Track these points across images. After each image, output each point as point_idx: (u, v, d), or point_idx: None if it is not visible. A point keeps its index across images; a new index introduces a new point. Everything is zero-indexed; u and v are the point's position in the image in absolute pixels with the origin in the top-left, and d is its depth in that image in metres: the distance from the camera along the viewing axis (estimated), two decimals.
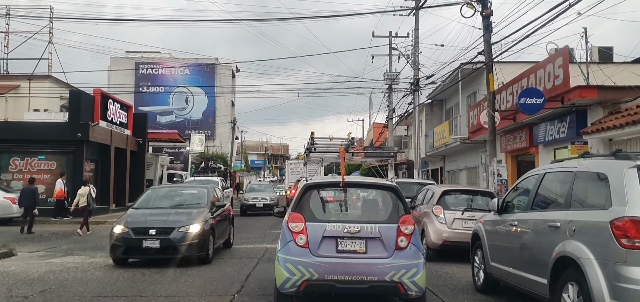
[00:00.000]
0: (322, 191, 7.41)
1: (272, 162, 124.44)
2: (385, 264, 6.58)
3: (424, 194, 13.98)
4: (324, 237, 6.69)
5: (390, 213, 7.04)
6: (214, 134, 63.43)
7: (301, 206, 7.01)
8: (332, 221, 6.87)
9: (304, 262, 6.57)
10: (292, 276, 6.57)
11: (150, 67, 64.37)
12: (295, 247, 6.68)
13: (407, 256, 6.66)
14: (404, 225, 6.78)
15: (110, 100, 28.86)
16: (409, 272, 6.56)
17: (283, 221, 7.35)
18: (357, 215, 7.35)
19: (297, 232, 6.72)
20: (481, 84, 25.20)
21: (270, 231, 19.84)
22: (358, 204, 7.68)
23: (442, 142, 27.68)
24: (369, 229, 6.69)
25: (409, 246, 6.72)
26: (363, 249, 6.67)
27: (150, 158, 35.69)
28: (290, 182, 40.09)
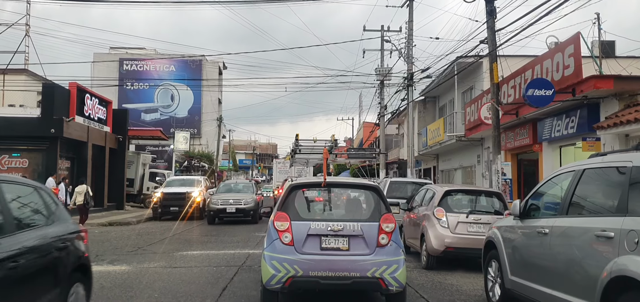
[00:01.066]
0: (306, 190, 7.59)
1: (260, 161, 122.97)
2: (367, 261, 6.81)
3: (423, 195, 12.71)
4: (309, 235, 6.89)
5: (372, 212, 7.29)
6: (200, 132, 61.86)
7: (286, 206, 7.22)
8: (316, 220, 7.05)
9: (289, 259, 6.77)
10: (277, 273, 6.76)
11: (135, 62, 62.60)
12: (281, 245, 6.86)
13: (387, 252, 6.89)
14: (385, 223, 7.02)
15: (88, 94, 27.34)
16: (389, 269, 6.80)
17: (269, 220, 7.55)
18: (340, 214, 7.58)
19: (283, 231, 6.91)
20: (478, 78, 24.01)
21: (255, 233, 18.49)
22: (341, 203, 7.87)
23: (436, 140, 26.46)
24: (352, 227, 6.93)
25: (389, 243, 6.95)
26: (346, 247, 6.88)
27: (132, 156, 34.16)
28: (278, 182, 38.83)
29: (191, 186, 26.29)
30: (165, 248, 14.42)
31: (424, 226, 11.24)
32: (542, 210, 6.45)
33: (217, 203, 22.74)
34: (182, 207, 24.91)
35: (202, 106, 62.16)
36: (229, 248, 14.36)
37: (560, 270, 5.45)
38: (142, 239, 16.75)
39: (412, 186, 16.49)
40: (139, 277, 9.83)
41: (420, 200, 12.66)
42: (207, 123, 61.02)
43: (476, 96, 22.19)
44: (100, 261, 11.96)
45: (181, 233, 18.93)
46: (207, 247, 14.57)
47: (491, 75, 14.65)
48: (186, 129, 56.69)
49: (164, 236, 17.90)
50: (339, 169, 52.62)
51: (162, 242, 16.04)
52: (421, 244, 11.45)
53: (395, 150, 43.20)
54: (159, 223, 23.59)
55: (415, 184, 16.53)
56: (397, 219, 13.18)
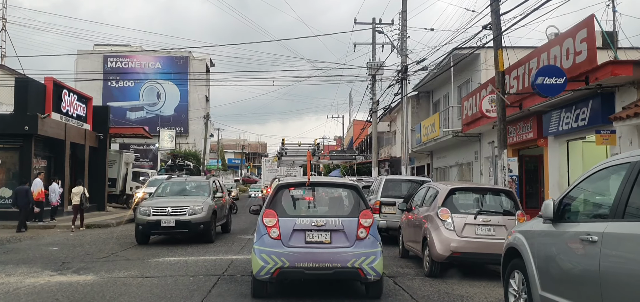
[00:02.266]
0: (292, 189, 8.22)
1: (249, 160, 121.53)
2: (347, 253, 7.44)
3: (424, 194, 11.55)
4: (294, 230, 7.51)
5: (352, 208, 7.96)
6: (187, 130, 60.49)
7: (274, 203, 7.87)
8: (301, 216, 7.72)
9: (276, 252, 7.38)
10: (266, 265, 7.36)
11: (119, 59, 61.01)
12: (269, 240, 7.50)
13: (366, 245, 7.53)
14: (363, 218, 7.68)
15: (65, 90, 25.93)
16: (367, 259, 7.43)
17: (258, 217, 8.16)
18: (323, 210, 8.14)
19: (271, 226, 7.55)
20: (475, 71, 22.94)
21: (241, 236, 17.27)
22: (324, 200, 8.39)
23: (431, 136, 25.37)
24: (333, 223, 7.57)
25: (368, 236, 7.61)
26: (328, 240, 7.50)
27: (114, 155, 32.77)
28: (267, 181, 37.64)
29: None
30: (141, 254, 13.18)
31: (427, 229, 10.08)
32: (582, 212, 5.30)
33: (149, 214, 15.02)
34: None
35: (189, 104, 60.73)
36: (211, 253, 13.14)
37: (615, 287, 4.30)
38: (118, 243, 15.48)
39: (409, 184, 15.34)
40: (103, 290, 8.58)
41: (420, 199, 11.51)
42: (194, 121, 59.62)
43: (474, 89, 21.10)
44: (65, 269, 10.70)
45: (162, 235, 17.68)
46: (187, 252, 13.33)
47: (496, 62, 13.52)
48: (173, 127, 55.24)
49: None
50: (329, 169, 51.65)
51: (140, 246, 14.78)
52: (423, 249, 10.29)
53: (387, 147, 42.12)
54: None
55: (413, 182, 15.40)
56: (393, 220, 12.79)
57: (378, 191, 15.05)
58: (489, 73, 21.28)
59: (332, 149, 73.71)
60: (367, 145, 49.78)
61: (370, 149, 48.72)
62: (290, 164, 34.94)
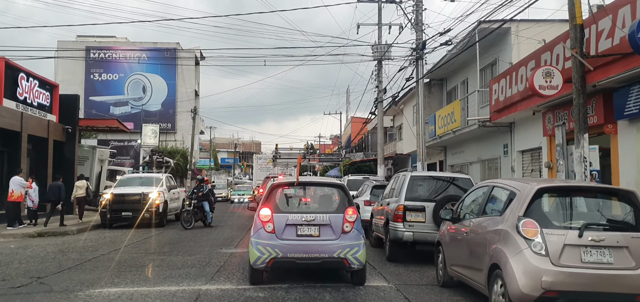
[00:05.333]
0: (285, 188, 9.33)
1: (243, 160, 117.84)
2: (333, 245, 8.45)
3: (483, 197, 7.89)
4: (287, 225, 8.54)
5: (338, 205, 8.99)
6: (175, 127, 56.56)
7: (269, 200, 8.94)
8: (293, 212, 8.78)
9: (271, 244, 8.43)
10: (262, 255, 8.42)
11: (103, 51, 57.10)
12: (265, 233, 8.53)
13: (350, 238, 8.54)
14: (348, 214, 8.65)
15: (22, 73, 22.22)
16: (351, 250, 8.45)
17: (255, 213, 9.02)
18: (313, 207, 9.16)
19: (266, 221, 8.57)
20: (503, 49, 19.38)
21: (221, 249, 13.64)
22: (314, 198, 9.42)
23: (449, 127, 21.78)
24: (321, 218, 8.59)
25: (352, 230, 8.60)
26: (317, 234, 8.53)
27: (86, 151, 29.05)
28: (259, 180, 34.10)
29: (149, 185, 21.36)
30: (77, 278, 9.52)
31: (497, 251, 6.47)
32: None
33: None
34: (136, 212, 20.02)
35: (177, 98, 56.84)
36: (173, 280, 9.47)
37: None
38: (56, 261, 11.81)
39: (442, 183, 11.72)
40: None
41: (477, 205, 7.88)
42: (183, 117, 55.70)
43: (505, 70, 17.54)
44: None
45: (124, 249, 14.02)
46: (141, 278, 9.66)
47: (572, 14, 9.86)
48: (159, 123, 51.45)
49: (94, 254, 12.97)
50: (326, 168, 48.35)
51: (82, 266, 11.13)
52: (490, 281, 6.67)
53: (391, 144, 38.52)
54: (107, 232, 18.68)
55: (446, 181, 11.77)
56: (422, 230, 11.03)
57: (400, 192, 11.46)
58: (523, 50, 17.76)
59: (328, 148, 70.74)
60: (367, 143, 46.13)
61: (370, 147, 45.37)
62: (285, 165, 36.94)
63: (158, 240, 16.23)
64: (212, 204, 20.74)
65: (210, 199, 20.56)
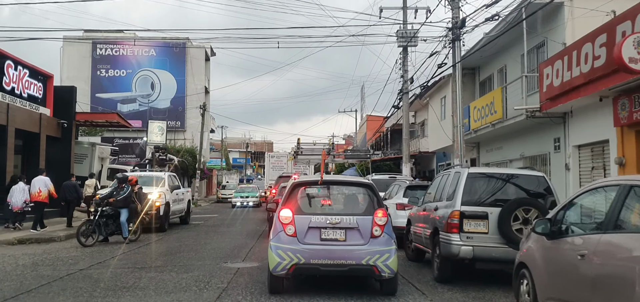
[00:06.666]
0: (307, 187, 8.53)
1: (255, 160, 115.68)
2: (362, 250, 7.64)
3: (595, 205, 5.37)
4: (310, 228, 7.76)
5: (366, 206, 8.18)
6: (184, 124, 54.32)
7: (290, 201, 8.16)
8: (316, 214, 7.96)
9: (292, 248, 7.66)
10: (282, 261, 7.65)
11: (110, 46, 55.02)
12: (285, 236, 7.77)
13: (380, 243, 7.72)
14: (378, 217, 7.83)
15: (10, 61, 19.95)
16: (382, 257, 7.62)
17: (275, 214, 8.31)
18: (338, 208, 8.37)
19: (287, 224, 7.82)
20: (555, 27, 16.75)
21: (225, 263, 11.17)
22: (339, 198, 8.66)
23: (488, 120, 19.16)
24: (348, 221, 7.79)
25: (382, 234, 7.78)
26: (343, 238, 7.73)
27: (85, 149, 26.78)
28: (271, 180, 31.79)
29: (148, 185, 19.02)
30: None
31: None
32: None
33: None
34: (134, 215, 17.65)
35: (186, 95, 54.57)
36: None
37: None
38: (20, 279, 9.44)
39: (508, 182, 9.12)
40: None
41: (603, 215, 5.31)
42: (193, 116, 53.42)
43: (561, 50, 14.94)
44: None
45: (110, 261, 11.63)
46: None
47: None
48: (167, 120, 49.25)
49: (71, 269, 10.58)
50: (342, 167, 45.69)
51: (47, 287, 8.74)
52: None
53: (414, 141, 35.89)
54: None
55: (512, 180, 9.17)
56: (485, 244, 8.69)
57: (455, 194, 8.92)
58: (580, 28, 15.14)
59: (342, 148, 67.45)
60: (386, 142, 43.53)
61: (389, 145, 42.74)
62: (306, 163, 34.52)
63: (154, 249, 13.86)
64: (134, 213, 15.35)
65: (132, 206, 15.29)
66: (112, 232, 15.02)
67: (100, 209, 14.78)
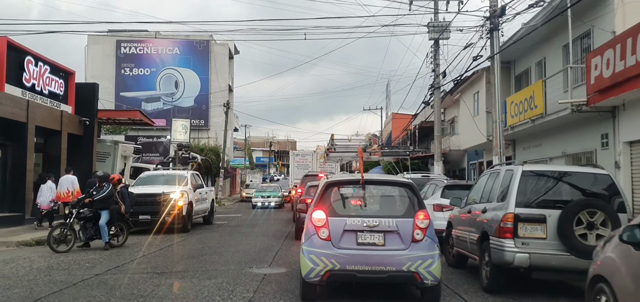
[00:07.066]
0: (342, 187, 7.87)
1: (278, 159, 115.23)
2: (402, 256, 7.05)
3: None
4: (345, 231, 7.18)
5: (406, 208, 7.51)
6: (207, 123, 53.90)
7: (323, 202, 7.54)
8: (352, 216, 7.37)
9: (326, 253, 7.09)
10: (315, 267, 7.09)
11: (134, 44, 54.85)
12: (318, 240, 7.20)
13: (422, 247, 7.10)
14: (419, 219, 7.23)
15: (30, 57, 19.47)
16: (425, 263, 7.00)
17: (307, 216, 7.93)
18: (375, 210, 7.75)
19: (320, 226, 7.24)
20: (603, 15, 15.59)
21: (250, 269, 10.35)
22: (376, 199, 7.93)
23: (527, 115, 18.03)
24: (387, 223, 7.21)
25: (424, 238, 7.16)
26: (381, 242, 7.15)
27: (107, 147, 26.28)
28: (296, 179, 30.89)
29: (171, 184, 18.37)
30: None
31: None
32: None
33: None
34: (156, 215, 17.07)
35: (210, 94, 54.14)
36: None
37: None
38: (30, 286, 8.78)
39: (571, 184, 8.07)
40: None
41: None
42: (216, 114, 52.98)
43: (613, 39, 13.83)
44: None
45: (128, 265, 10.92)
46: None
47: None
48: (191, 119, 48.84)
49: (87, 273, 9.88)
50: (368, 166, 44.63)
51: (59, 295, 8.02)
52: None
53: (443, 139, 34.73)
54: None
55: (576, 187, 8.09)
56: (543, 251, 7.75)
57: (508, 194, 7.95)
58: (632, 15, 14.05)
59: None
60: (414, 140, 42.39)
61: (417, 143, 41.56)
62: (338, 161, 32.75)
63: (175, 252, 13.12)
64: (114, 215, 13.54)
65: (115, 207, 13.60)
66: (91, 237, 13.39)
67: (74, 211, 13.19)
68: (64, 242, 12.85)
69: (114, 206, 13.57)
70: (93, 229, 13.36)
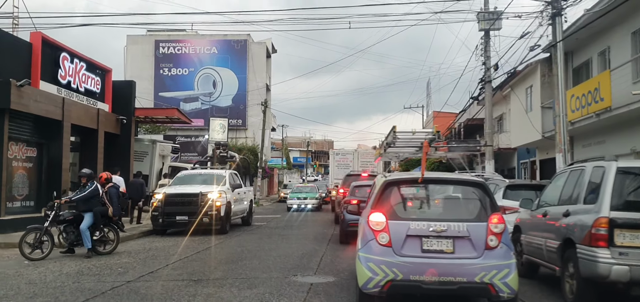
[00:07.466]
0: (403, 187, 6.97)
1: (315, 159, 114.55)
2: (475, 265, 6.25)
3: None
4: (408, 236, 6.40)
5: (478, 211, 6.68)
6: (245, 123, 53.41)
7: (382, 203, 6.73)
8: (416, 219, 6.52)
9: (387, 261, 6.32)
10: (375, 276, 6.33)
11: (172, 44, 54.79)
12: (377, 246, 6.45)
13: (497, 256, 6.30)
14: (493, 223, 6.40)
15: (65, 53, 18.97)
16: (500, 273, 6.20)
17: (362, 218, 7.32)
18: (441, 213, 6.90)
19: (379, 231, 6.48)
20: None
21: (294, 277, 9.34)
22: (443, 201, 7.12)
23: (591, 109, 16.57)
24: (457, 228, 6.38)
25: (499, 245, 6.34)
26: (450, 249, 6.34)
27: (145, 146, 25.82)
28: (337, 179, 29.81)
29: (208, 183, 17.62)
30: None
31: None
32: None
33: None
34: (193, 216, 16.35)
35: (247, 93, 53.65)
36: None
37: None
38: (56, 294, 7.97)
39: None
40: None
41: None
42: (254, 114, 52.46)
43: None
44: None
45: (162, 271, 10.10)
46: None
47: None
48: (229, 119, 48.40)
49: (118, 280, 9.07)
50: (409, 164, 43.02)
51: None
52: None
53: None
54: (156, 242, 15.10)
55: None
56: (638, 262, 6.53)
57: (600, 196, 6.77)
58: None
59: None
60: (459, 138, 40.85)
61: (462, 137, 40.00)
62: (395, 157, 29.53)
63: (213, 256, 12.25)
64: (99, 218, 11.96)
65: (100, 209, 12.05)
66: (72, 243, 11.86)
67: (51, 213, 11.62)
68: (38, 248, 11.39)
69: (99, 207, 12.00)
70: (74, 233, 11.80)
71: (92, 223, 11.81)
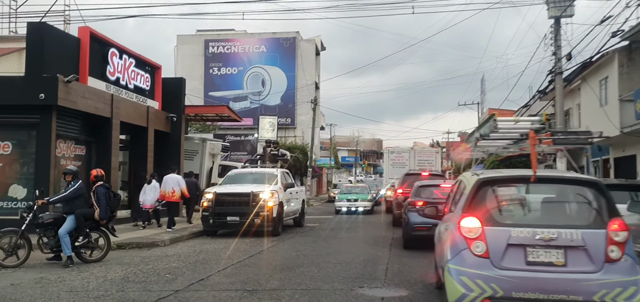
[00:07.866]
0: (501, 187, 6.07)
1: (364, 159, 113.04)
2: (592, 281, 5.24)
3: None
4: (509, 246, 5.47)
5: (594, 216, 5.66)
6: (294, 122, 52.70)
7: (476, 206, 5.79)
8: (518, 225, 5.55)
9: (484, 275, 5.41)
10: (469, 292, 5.40)
11: (221, 43, 54.66)
12: (472, 257, 5.54)
13: (621, 270, 5.26)
14: (613, 230, 5.35)
15: (114, 49, 18.44)
16: (626, 292, 5.15)
17: (450, 223, 6.26)
18: (549, 218, 5.85)
19: (473, 239, 5.56)
20: None
21: (361, 289, 8.20)
22: (549, 204, 6.12)
23: None
24: (569, 236, 5.38)
25: (622, 257, 5.31)
26: (561, 261, 5.38)
27: (195, 144, 25.28)
28: (393, 179, 28.47)
29: (259, 182, 16.73)
30: None
31: None
32: None
33: None
34: (244, 216, 15.49)
35: (296, 91, 52.93)
36: None
37: None
38: None
39: None
40: None
41: None
42: (303, 112, 51.74)
43: None
44: None
45: (213, 277, 9.17)
46: None
47: None
48: (278, 117, 47.77)
49: (165, 288, 8.17)
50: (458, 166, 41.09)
51: None
52: None
53: None
54: (206, 243, 14.33)
55: None
56: None
57: None
58: None
59: (458, 144, 61.39)
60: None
61: None
62: (483, 152, 25.86)
63: (267, 261, 11.28)
64: (82, 222, 10.57)
65: (84, 212, 10.69)
66: (52, 248, 10.50)
67: (28, 216, 10.49)
68: (14, 253, 10.20)
69: (82, 209, 10.67)
70: (54, 238, 10.45)
71: (74, 227, 10.47)
